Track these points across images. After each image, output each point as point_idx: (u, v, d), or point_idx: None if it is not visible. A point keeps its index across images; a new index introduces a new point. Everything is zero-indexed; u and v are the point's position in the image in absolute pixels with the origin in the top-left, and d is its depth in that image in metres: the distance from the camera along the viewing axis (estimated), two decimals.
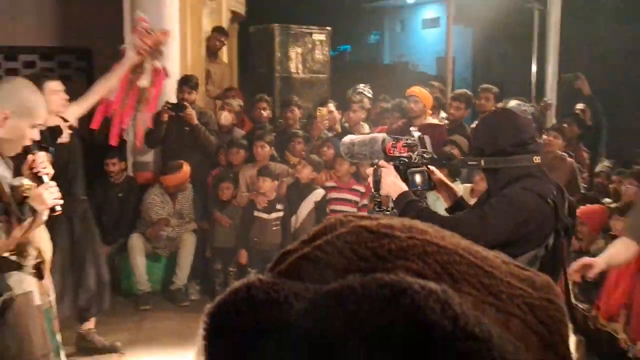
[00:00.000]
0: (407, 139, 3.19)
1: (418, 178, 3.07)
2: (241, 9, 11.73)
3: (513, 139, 3.03)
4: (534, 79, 10.41)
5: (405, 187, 3.06)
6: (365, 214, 0.64)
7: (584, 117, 8.75)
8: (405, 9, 23.51)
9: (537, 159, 3.08)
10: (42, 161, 3.53)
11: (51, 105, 5.04)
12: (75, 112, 5.36)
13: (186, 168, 7.11)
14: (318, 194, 7.12)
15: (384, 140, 3.13)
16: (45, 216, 3.32)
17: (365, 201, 7.16)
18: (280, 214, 7.05)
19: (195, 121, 7.16)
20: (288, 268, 0.59)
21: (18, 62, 9.37)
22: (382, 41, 25.45)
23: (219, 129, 7.73)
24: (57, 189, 3.43)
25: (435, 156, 3.21)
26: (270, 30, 9.73)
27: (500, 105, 8.11)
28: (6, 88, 3.39)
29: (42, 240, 3.46)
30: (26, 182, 3.37)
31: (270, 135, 7.57)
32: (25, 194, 3.30)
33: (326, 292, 0.53)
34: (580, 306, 6.43)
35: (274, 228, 7.04)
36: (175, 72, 7.45)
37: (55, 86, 5.18)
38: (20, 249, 3.31)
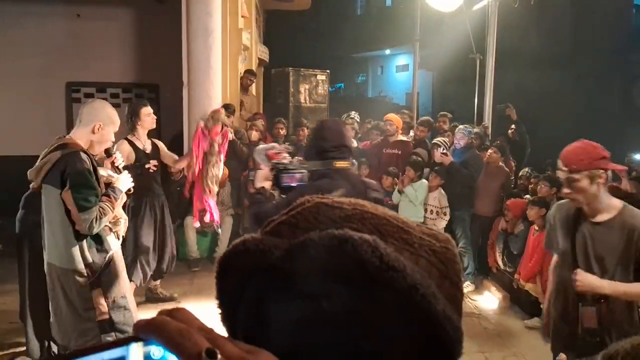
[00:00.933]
0: (277, 151, 3.19)
1: (280, 176, 2.99)
2: (266, 57, 11.76)
3: (316, 149, 2.97)
4: (475, 108, 10.38)
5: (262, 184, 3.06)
6: (325, 196, 0.68)
7: (513, 135, 8.75)
8: (384, 58, 23.43)
9: (339, 164, 2.91)
10: (119, 158, 3.61)
11: (145, 124, 5.28)
12: (164, 154, 5.56)
13: (226, 171, 7.09)
14: None
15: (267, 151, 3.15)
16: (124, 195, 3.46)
17: None
18: None
19: (232, 137, 7.13)
20: (271, 229, 0.61)
21: (106, 93, 9.36)
22: (367, 81, 25.37)
23: (249, 142, 7.74)
24: (130, 176, 3.55)
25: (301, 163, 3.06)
26: (286, 72, 9.73)
27: (449, 127, 8.13)
28: (94, 106, 3.44)
29: (123, 214, 3.56)
30: (110, 172, 3.45)
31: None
32: (109, 181, 3.38)
33: (295, 243, 0.56)
34: (507, 271, 6.45)
35: None
36: (219, 101, 7.46)
37: (148, 110, 5.31)
38: (114, 219, 3.40)
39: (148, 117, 5.31)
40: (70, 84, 9.26)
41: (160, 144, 5.61)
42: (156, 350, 0.44)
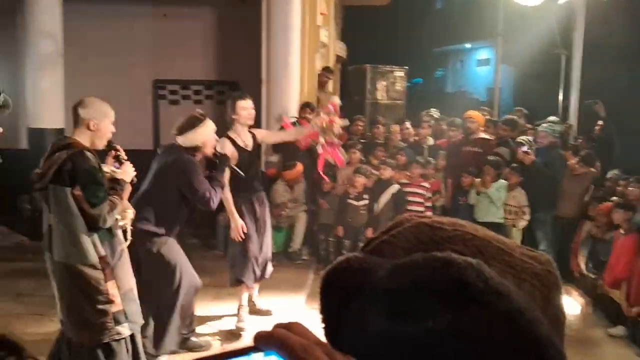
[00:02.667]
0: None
1: None
2: (343, 54, 11.82)
3: None
4: (560, 105, 10.00)
5: None
6: (424, 214, 0.69)
7: (600, 133, 8.36)
8: (464, 52, 22.92)
9: None
10: (121, 150, 3.69)
11: (240, 118, 4.89)
12: (264, 135, 5.24)
13: (299, 167, 7.16)
14: (394, 188, 7.08)
15: None
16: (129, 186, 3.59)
17: (430, 194, 7.11)
18: (367, 201, 7.05)
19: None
20: (373, 249, 0.63)
21: (190, 90, 9.71)
22: (446, 76, 24.93)
23: None
24: (133, 167, 3.64)
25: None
26: (364, 69, 9.75)
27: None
28: (85, 105, 3.50)
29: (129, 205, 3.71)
30: (113, 168, 3.57)
31: (359, 144, 7.58)
32: (112, 177, 3.51)
33: (398, 264, 0.56)
34: (592, 276, 6.19)
35: (361, 212, 7.03)
36: (296, 99, 7.59)
37: (243, 104, 4.93)
38: (123, 211, 3.57)
39: (244, 110, 4.91)
40: (156, 81, 9.66)
41: (259, 132, 5.21)
42: None
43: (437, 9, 23.66)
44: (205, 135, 4.26)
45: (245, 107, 4.91)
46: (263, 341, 0.48)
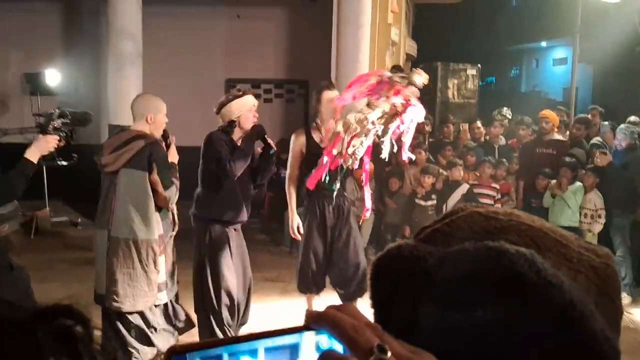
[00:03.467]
0: None
1: None
2: (413, 52, 11.69)
3: None
4: None
5: None
6: (479, 205, 0.68)
7: None
8: (539, 51, 22.18)
9: None
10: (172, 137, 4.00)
11: (326, 112, 4.48)
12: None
13: (371, 166, 7.11)
14: (464, 187, 6.95)
15: None
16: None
17: (499, 196, 6.94)
18: (434, 202, 6.96)
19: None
20: (425, 237, 0.62)
21: (260, 89, 9.88)
22: (520, 75, 24.25)
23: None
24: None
25: None
26: (434, 67, 9.59)
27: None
28: (141, 102, 3.89)
29: None
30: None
31: (424, 144, 7.48)
32: None
33: (449, 252, 0.56)
34: None
35: (429, 212, 6.95)
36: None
37: (330, 94, 4.50)
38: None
39: (330, 103, 4.40)
40: (228, 80, 9.89)
41: None
42: (324, 341, 0.49)
43: (512, 6, 23.02)
44: (240, 107, 4.16)
45: (331, 99, 4.41)
46: (315, 320, 0.49)
